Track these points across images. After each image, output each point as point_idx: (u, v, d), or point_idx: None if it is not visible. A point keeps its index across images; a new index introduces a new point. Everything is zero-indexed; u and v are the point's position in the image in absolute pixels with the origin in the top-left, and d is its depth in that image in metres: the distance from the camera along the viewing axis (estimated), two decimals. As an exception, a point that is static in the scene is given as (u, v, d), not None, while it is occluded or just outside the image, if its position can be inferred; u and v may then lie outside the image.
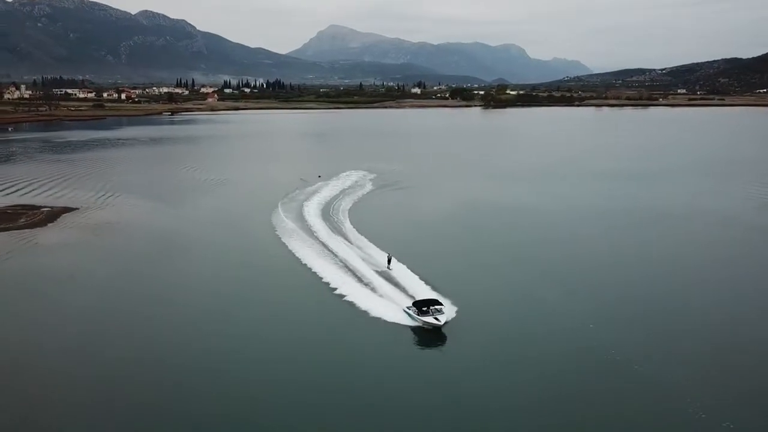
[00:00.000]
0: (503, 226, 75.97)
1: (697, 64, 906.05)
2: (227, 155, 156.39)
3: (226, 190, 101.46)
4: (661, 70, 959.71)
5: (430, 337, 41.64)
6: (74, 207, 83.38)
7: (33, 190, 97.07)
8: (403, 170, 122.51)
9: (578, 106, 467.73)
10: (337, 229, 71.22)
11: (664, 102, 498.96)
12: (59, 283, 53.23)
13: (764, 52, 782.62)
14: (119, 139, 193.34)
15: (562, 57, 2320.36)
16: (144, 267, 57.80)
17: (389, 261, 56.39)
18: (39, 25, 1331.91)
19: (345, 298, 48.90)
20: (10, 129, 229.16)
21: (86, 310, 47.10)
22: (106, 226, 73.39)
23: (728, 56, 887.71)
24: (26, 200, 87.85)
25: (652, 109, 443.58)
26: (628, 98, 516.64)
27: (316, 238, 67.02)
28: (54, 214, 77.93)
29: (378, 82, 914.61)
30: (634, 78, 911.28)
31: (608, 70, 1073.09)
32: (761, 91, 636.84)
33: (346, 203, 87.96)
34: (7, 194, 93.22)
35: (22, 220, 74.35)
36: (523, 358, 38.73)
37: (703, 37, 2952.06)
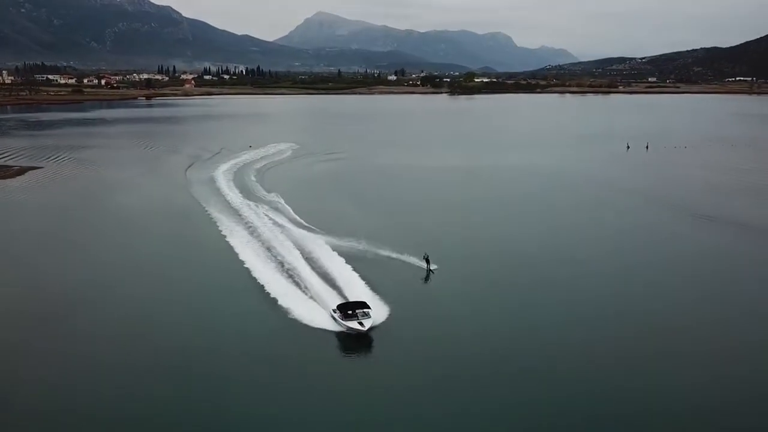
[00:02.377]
0: (389, 189, 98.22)
1: (678, 53, 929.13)
2: (180, 132, 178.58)
3: (165, 156, 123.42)
4: (642, 59, 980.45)
5: (355, 344, 38.61)
6: (40, 166, 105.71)
7: (6, 155, 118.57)
8: (326, 143, 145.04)
9: (540, 93, 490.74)
10: (242, 183, 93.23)
11: (623, 89, 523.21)
12: (18, 208, 75.73)
13: (741, 42, 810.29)
14: (88, 119, 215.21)
15: (549, 45, 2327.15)
16: (80, 200, 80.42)
17: (428, 261, 51.85)
18: (22, 11, 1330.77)
19: (259, 282, 48.68)
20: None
21: (32, 224, 69.68)
22: (60, 177, 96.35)
23: (714, 44, 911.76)
24: (4, 161, 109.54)
25: (612, 95, 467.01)
26: (590, 86, 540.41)
27: (224, 195, 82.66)
28: (23, 170, 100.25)
29: (362, 70, 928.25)
30: (614, 66, 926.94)
31: (595, 58, 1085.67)
32: (730, 79, 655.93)
33: (260, 165, 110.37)
34: None
35: (1, 174, 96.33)
36: (452, 366, 35.93)
37: (694, 25, 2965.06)
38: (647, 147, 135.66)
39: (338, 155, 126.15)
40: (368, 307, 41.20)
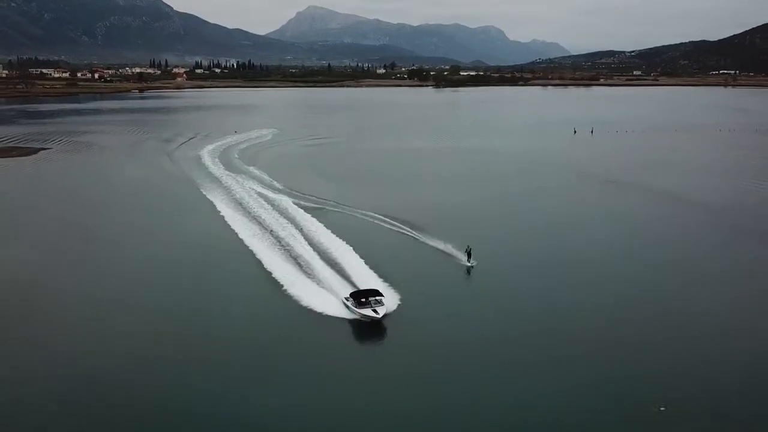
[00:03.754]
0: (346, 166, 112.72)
1: (666, 46, 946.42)
2: (170, 120, 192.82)
3: (156, 138, 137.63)
4: (631, 52, 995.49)
5: (368, 330, 39.05)
6: (49, 147, 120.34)
7: (17, 139, 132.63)
8: (304, 129, 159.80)
9: (523, 85, 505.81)
10: (226, 160, 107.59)
11: (604, 82, 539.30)
12: (30, 179, 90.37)
13: (728, 35, 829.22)
14: (84, 110, 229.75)
15: (541, 39, 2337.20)
16: (86, 173, 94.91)
17: (469, 255, 51.02)
18: (13, 4, 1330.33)
19: (268, 270, 49.25)
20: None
21: (40, 190, 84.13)
22: (67, 156, 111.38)
23: (705, 38, 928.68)
24: (16, 144, 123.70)
25: (593, 88, 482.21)
26: (572, 78, 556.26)
27: (207, 169, 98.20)
28: (35, 150, 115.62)
29: (353, 64, 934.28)
30: (603, 60, 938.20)
31: (586, 52, 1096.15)
32: (714, 72, 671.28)
33: (243, 146, 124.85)
34: (4, 138, 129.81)
35: (14, 152, 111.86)
36: (468, 355, 35.84)
37: (688, 18, 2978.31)
38: (592, 131, 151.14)
39: (315, 139, 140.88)
40: (381, 295, 41.47)
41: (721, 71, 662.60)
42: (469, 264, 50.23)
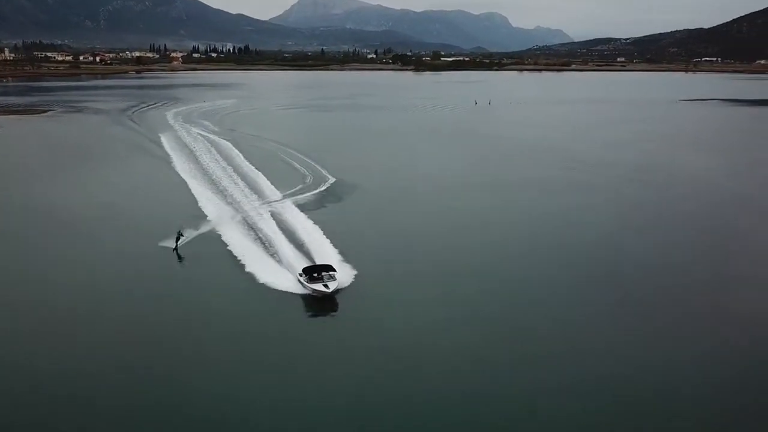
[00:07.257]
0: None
1: (662, 34, 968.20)
2: (156, 94, 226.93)
3: (138, 103, 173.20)
4: (626, 39, 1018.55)
5: (320, 305, 38.77)
6: (53, 109, 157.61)
7: (30, 105, 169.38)
8: (261, 100, 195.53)
9: (497, 70, 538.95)
10: (188, 118, 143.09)
11: (576, 67, 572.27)
12: (49, 128, 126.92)
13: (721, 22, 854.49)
14: (84, 86, 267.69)
15: (545, 26, 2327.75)
16: (82, 127, 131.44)
17: (177, 239, 48.59)
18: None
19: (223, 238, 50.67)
20: (3, 80, 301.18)
21: (43, 139, 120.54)
22: (68, 115, 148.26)
23: (701, 25, 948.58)
24: (28, 108, 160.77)
25: (565, 73, 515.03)
26: (545, 64, 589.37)
27: (171, 125, 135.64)
28: (45, 110, 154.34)
29: (352, 50, 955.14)
30: (599, 47, 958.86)
31: (589, 39, 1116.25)
32: (697, 60, 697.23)
33: (204, 110, 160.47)
34: (19, 105, 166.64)
35: (27, 112, 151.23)
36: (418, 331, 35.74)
37: (690, 5, 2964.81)
38: (489, 103, 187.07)
39: (262, 108, 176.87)
40: (334, 270, 41.50)
41: (703, 59, 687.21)
42: (176, 245, 47.95)
